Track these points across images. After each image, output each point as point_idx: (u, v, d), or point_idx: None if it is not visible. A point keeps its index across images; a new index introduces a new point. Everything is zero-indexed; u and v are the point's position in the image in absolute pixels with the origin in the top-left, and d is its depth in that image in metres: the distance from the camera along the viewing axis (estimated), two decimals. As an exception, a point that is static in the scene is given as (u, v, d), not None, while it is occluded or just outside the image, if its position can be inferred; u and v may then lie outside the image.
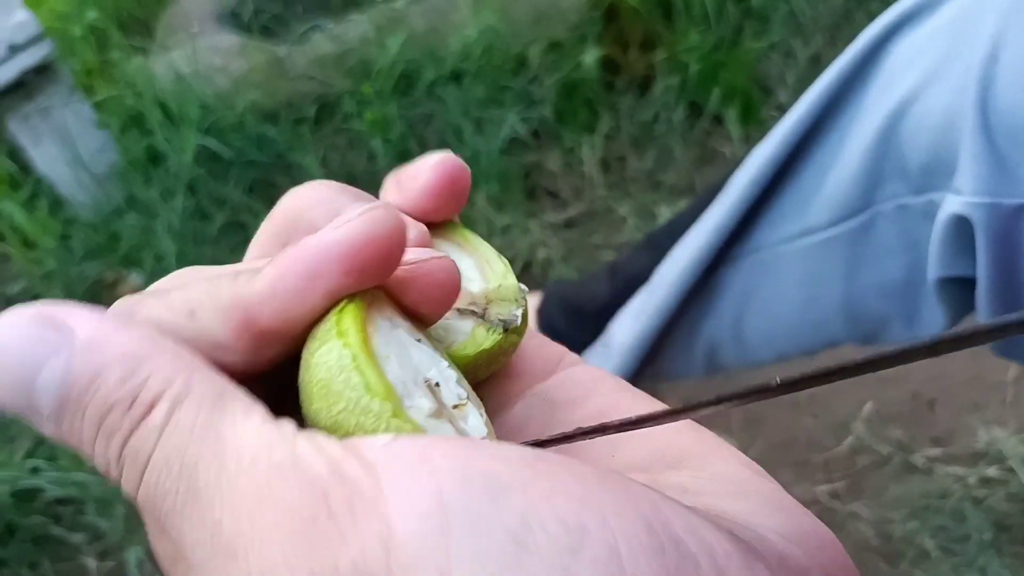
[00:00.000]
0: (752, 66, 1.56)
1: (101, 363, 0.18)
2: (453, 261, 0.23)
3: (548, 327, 1.09)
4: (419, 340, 0.23)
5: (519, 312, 0.26)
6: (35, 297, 1.37)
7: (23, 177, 1.46)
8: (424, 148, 1.47)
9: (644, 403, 0.27)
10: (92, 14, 1.60)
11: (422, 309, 0.23)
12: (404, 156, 1.44)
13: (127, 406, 0.18)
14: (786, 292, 0.83)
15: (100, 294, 1.37)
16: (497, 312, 0.26)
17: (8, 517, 1.14)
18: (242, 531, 0.16)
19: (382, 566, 0.15)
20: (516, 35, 1.51)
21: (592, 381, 0.27)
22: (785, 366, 1.29)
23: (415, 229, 0.25)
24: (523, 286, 0.27)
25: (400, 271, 0.22)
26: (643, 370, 0.94)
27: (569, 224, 1.48)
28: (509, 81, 1.50)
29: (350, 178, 1.44)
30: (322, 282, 0.20)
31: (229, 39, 1.53)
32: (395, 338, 0.22)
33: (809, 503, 1.16)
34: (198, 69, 1.47)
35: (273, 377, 0.22)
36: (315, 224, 0.25)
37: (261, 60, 1.48)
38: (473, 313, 0.26)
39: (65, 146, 1.44)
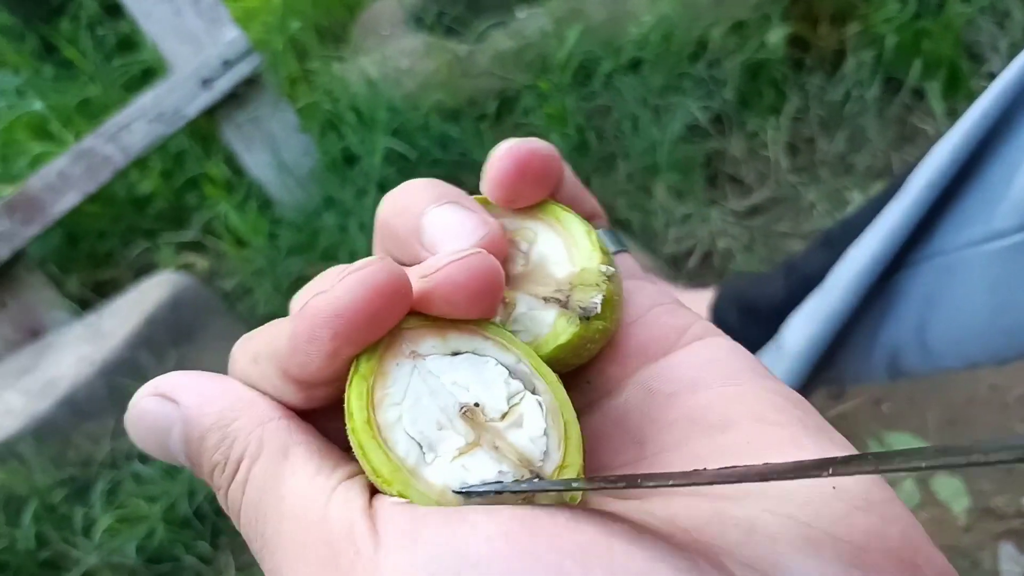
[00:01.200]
0: (959, 32, 1.43)
1: (201, 432, 0.23)
2: (482, 257, 0.22)
3: (720, 323, 1.07)
4: (456, 354, 0.23)
5: (598, 299, 0.25)
6: (248, 292, 1.51)
7: (237, 180, 1.60)
8: (601, 140, 1.46)
9: (753, 400, 0.24)
10: (295, 24, 1.72)
11: (457, 315, 0.23)
12: (581, 149, 1.45)
13: (223, 467, 0.22)
14: (973, 298, 0.77)
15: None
16: (578, 299, 0.25)
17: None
18: (283, 568, 0.20)
19: None
20: (695, 18, 1.47)
21: (703, 367, 0.25)
22: (979, 373, 1.19)
23: (483, 227, 0.24)
24: (606, 267, 0.25)
25: (418, 284, 0.22)
26: (818, 373, 0.90)
27: (752, 212, 1.43)
28: (688, 67, 1.46)
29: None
30: (318, 346, 0.21)
31: (415, 41, 1.59)
32: (418, 377, 0.22)
33: (1013, 516, 1.06)
34: (387, 73, 1.54)
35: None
36: (397, 233, 0.26)
37: (444, 60, 1.54)
38: (557, 301, 0.25)
39: (272, 151, 1.57)
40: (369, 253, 0.26)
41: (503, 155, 0.26)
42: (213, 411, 0.23)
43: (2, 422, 1.35)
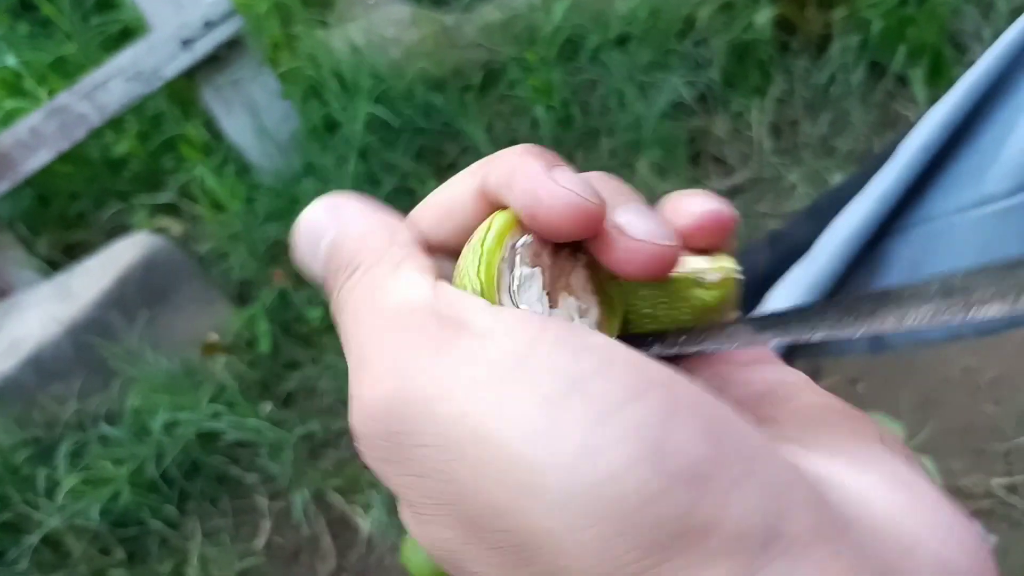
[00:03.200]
0: (944, 20, 1.44)
1: (344, 241, 0.25)
2: (674, 249, 0.23)
3: (703, 296, 1.06)
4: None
5: (717, 275, 0.26)
6: (223, 256, 1.48)
7: (216, 144, 1.57)
8: (586, 114, 1.46)
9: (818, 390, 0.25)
10: (279, -10, 1.69)
11: (618, 272, 0.24)
12: (566, 123, 1.44)
13: (346, 269, 0.24)
14: (961, 264, 0.76)
15: (279, 255, 1.46)
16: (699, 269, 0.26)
17: (194, 455, 1.25)
18: (370, 348, 0.21)
19: (456, 369, 0.19)
20: (684, -4, 1.47)
21: (792, 383, 0.26)
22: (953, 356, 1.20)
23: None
24: (739, 270, 0.27)
25: (621, 241, 0.23)
26: (800, 344, 0.90)
27: (734, 191, 1.43)
28: (675, 44, 1.46)
29: (513, 145, 1.46)
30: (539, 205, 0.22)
31: (401, 10, 1.58)
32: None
33: (982, 496, 1.07)
34: (372, 40, 1.53)
35: None
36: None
37: (431, 30, 1.52)
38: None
39: (252, 115, 1.54)
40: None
41: (710, 207, 0.26)
42: (359, 224, 0.25)
43: (-35, 381, 1.32)
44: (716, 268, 0.26)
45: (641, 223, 0.23)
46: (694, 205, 0.27)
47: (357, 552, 1.21)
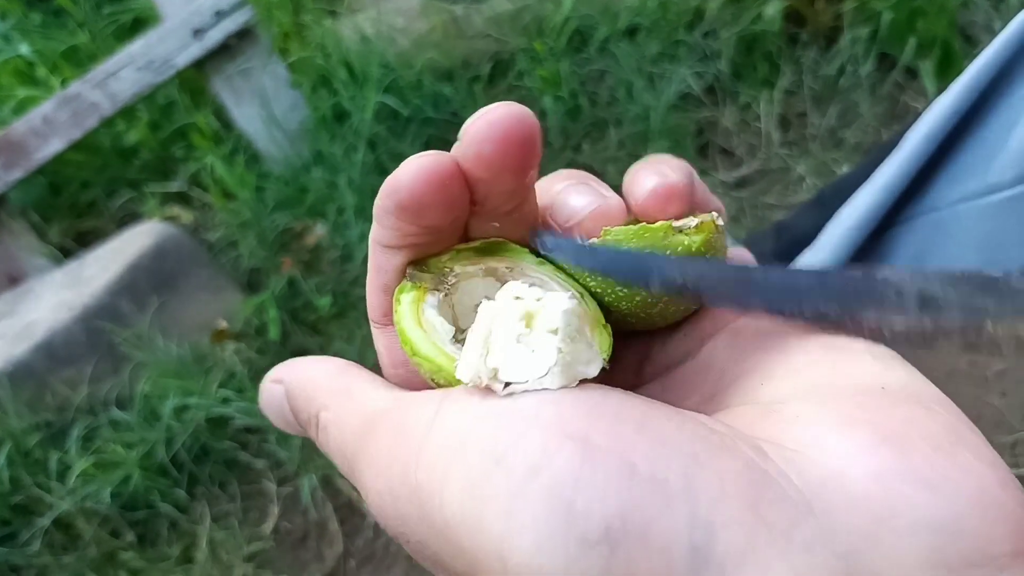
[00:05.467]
0: (954, 13, 1.44)
1: (293, 401, 0.29)
2: (509, 107, 0.22)
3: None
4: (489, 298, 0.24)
5: (695, 220, 0.26)
6: (232, 244, 1.49)
7: (226, 133, 1.58)
8: (595, 105, 1.46)
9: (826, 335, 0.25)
10: (290, -20, 1.70)
11: (495, 173, 0.23)
12: (574, 113, 1.44)
13: (311, 415, 0.28)
14: (964, 254, 0.76)
15: (289, 242, 1.47)
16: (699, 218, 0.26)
17: (203, 440, 1.27)
18: (359, 465, 0.24)
19: (412, 468, 0.21)
20: (693, -13, 1.47)
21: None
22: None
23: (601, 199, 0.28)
24: (719, 218, 0.26)
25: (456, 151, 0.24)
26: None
27: (742, 183, 1.43)
28: (684, 36, 1.46)
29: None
30: (388, 217, 0.25)
31: (411, 0, 1.58)
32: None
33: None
34: (381, 30, 1.53)
35: None
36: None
37: (440, 20, 1.53)
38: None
39: (262, 105, 1.55)
40: (357, 209, 0.31)
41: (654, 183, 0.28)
42: (299, 383, 0.29)
43: (-22, 365, 1.33)
44: (696, 216, 0.26)
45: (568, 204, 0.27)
46: (644, 183, 0.28)
47: (364, 537, 1.23)
